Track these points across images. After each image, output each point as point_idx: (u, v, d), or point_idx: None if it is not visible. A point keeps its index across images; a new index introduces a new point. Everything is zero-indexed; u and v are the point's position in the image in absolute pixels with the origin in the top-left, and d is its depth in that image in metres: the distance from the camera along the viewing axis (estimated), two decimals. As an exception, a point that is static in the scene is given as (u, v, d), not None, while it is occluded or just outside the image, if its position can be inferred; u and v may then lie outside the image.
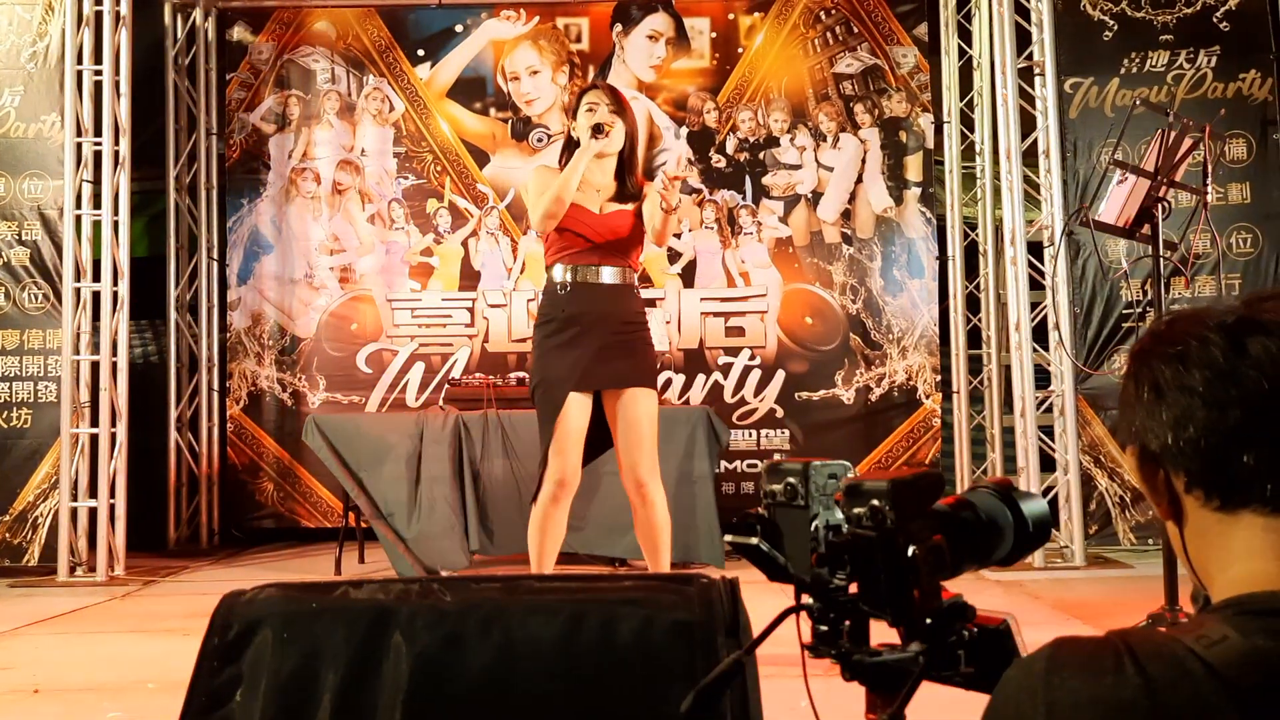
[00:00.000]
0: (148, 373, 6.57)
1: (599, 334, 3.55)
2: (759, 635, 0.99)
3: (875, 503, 0.90)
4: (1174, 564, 3.50)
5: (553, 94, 6.75)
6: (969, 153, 6.56)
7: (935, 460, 6.50)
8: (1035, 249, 5.69)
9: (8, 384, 5.56)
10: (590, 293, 3.59)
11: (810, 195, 6.65)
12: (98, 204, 5.46)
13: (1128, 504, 5.62)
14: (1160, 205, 3.60)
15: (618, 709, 1.21)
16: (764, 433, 6.54)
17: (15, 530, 5.46)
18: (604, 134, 3.57)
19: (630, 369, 3.58)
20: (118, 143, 5.47)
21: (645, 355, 3.65)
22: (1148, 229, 3.65)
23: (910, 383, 6.57)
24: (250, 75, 6.75)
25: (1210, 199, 3.73)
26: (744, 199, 6.67)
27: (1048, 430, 5.48)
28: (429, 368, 6.60)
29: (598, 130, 3.56)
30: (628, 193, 3.67)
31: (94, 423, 5.38)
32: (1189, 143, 3.68)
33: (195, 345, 6.66)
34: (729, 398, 6.53)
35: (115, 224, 5.45)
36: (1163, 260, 3.67)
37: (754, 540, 0.99)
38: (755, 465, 6.48)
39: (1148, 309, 4.46)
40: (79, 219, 5.46)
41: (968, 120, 6.55)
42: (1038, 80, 5.61)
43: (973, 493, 0.97)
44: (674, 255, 6.60)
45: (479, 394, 5.44)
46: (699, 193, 6.63)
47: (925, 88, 6.69)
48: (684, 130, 6.71)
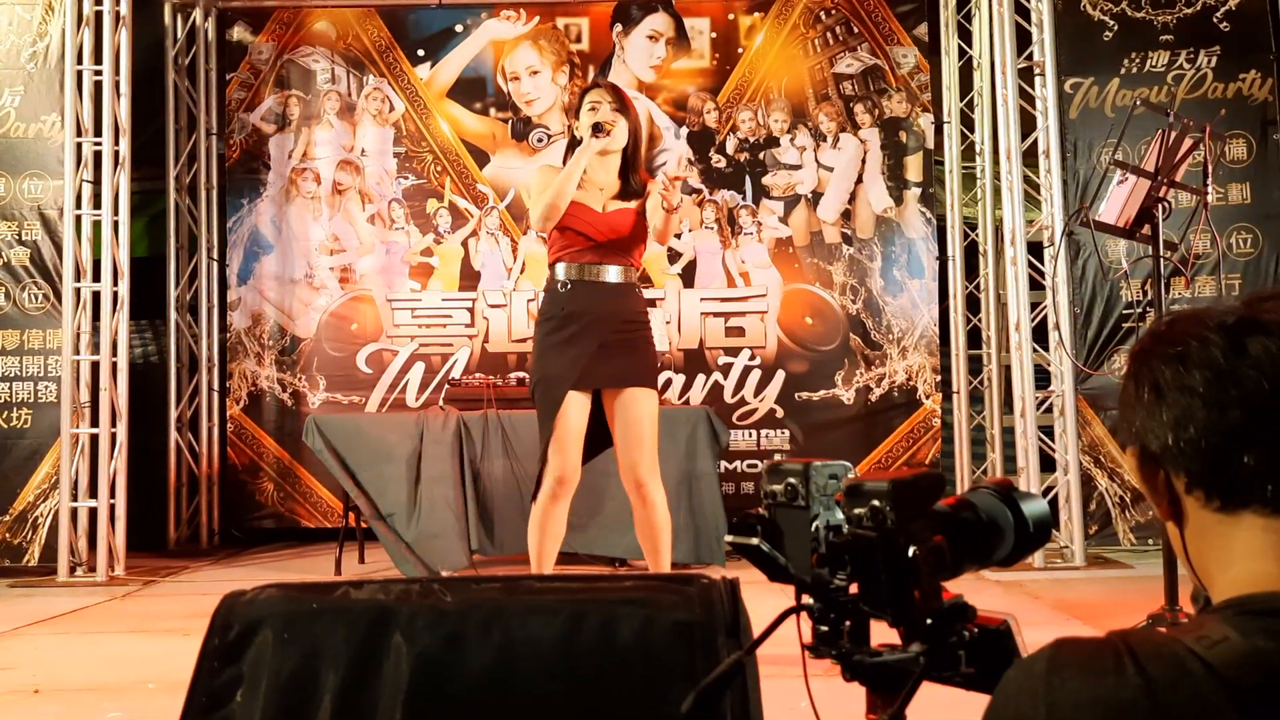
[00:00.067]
0: (148, 373, 6.56)
1: (599, 332, 3.54)
2: (759, 635, 0.99)
3: (876, 503, 0.90)
4: (1174, 564, 3.49)
5: (553, 94, 6.74)
6: (969, 153, 6.56)
7: (935, 460, 6.50)
8: (1035, 249, 5.69)
9: (8, 384, 5.56)
10: (592, 291, 3.58)
11: (810, 195, 6.65)
12: (98, 204, 5.46)
13: (1128, 504, 5.62)
14: (1160, 205, 3.60)
15: (618, 709, 1.21)
16: (764, 433, 6.54)
17: (15, 530, 5.46)
18: (604, 133, 3.56)
19: (630, 368, 3.57)
20: (118, 143, 5.47)
21: (646, 354, 3.63)
22: (1148, 229, 3.65)
23: (910, 383, 6.56)
24: (250, 75, 6.75)
25: (1210, 199, 3.73)
26: (744, 199, 6.66)
27: (1048, 430, 5.48)
28: (429, 368, 6.60)
29: (598, 129, 3.55)
30: (631, 191, 3.66)
31: (94, 423, 5.38)
32: (1189, 143, 3.68)
33: (195, 345, 6.65)
34: (729, 398, 6.53)
35: (115, 224, 5.45)
36: (1163, 260, 3.67)
37: (754, 541, 0.99)
38: (755, 465, 6.48)
39: (1148, 309, 4.46)
40: (79, 219, 5.46)
41: (968, 120, 6.55)
42: (1038, 80, 5.61)
43: (973, 493, 0.97)
44: (674, 255, 6.60)
45: (479, 394, 5.44)
46: (699, 193, 6.63)
47: (925, 88, 6.69)
48: (684, 130, 6.70)
